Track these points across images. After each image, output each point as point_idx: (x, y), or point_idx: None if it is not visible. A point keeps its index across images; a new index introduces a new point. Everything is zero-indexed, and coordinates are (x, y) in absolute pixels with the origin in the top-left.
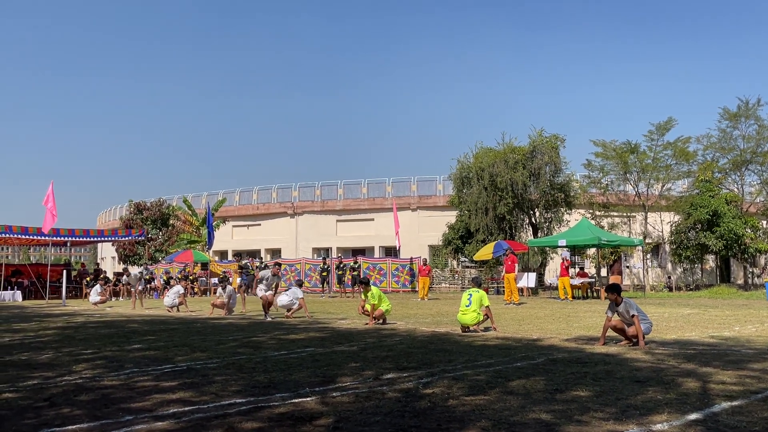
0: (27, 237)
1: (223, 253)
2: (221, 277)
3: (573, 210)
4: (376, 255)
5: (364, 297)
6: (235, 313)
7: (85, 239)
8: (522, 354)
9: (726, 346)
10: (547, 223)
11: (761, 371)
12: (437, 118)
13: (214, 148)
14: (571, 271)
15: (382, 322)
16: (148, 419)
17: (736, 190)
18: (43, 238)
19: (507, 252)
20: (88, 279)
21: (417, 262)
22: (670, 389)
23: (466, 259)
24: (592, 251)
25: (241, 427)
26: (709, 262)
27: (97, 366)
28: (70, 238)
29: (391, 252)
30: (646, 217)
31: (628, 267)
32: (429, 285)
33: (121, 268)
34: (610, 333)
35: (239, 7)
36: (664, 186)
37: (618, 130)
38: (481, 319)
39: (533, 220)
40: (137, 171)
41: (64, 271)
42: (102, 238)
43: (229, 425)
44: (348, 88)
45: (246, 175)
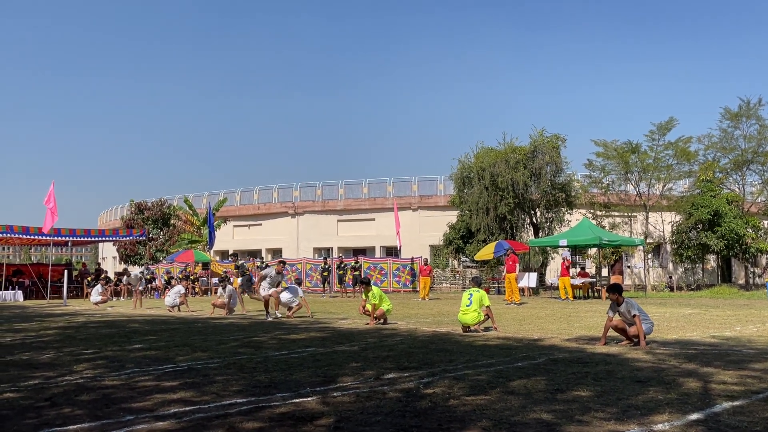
0: (28, 237)
1: (224, 253)
2: (221, 277)
3: (574, 210)
4: (377, 255)
5: (365, 297)
6: (235, 313)
7: (86, 239)
8: (523, 354)
9: (727, 346)
10: (548, 223)
11: (762, 371)
12: (438, 118)
13: (215, 148)
14: (572, 271)
15: (383, 322)
16: (149, 419)
17: (737, 190)
18: (44, 238)
19: (508, 252)
20: (89, 279)
21: (418, 262)
22: (671, 389)
23: (467, 259)
24: (593, 251)
25: (242, 427)
26: (710, 262)
27: (98, 366)
28: (71, 238)
29: (392, 252)
30: (647, 217)
31: (629, 267)
32: (430, 285)
33: (122, 269)
34: (611, 333)
35: (240, 7)
36: (665, 186)
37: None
38: (482, 318)
39: (534, 219)
40: (138, 171)
41: (66, 270)
42: (103, 238)
43: (230, 425)
44: (348, 88)
45: (247, 175)
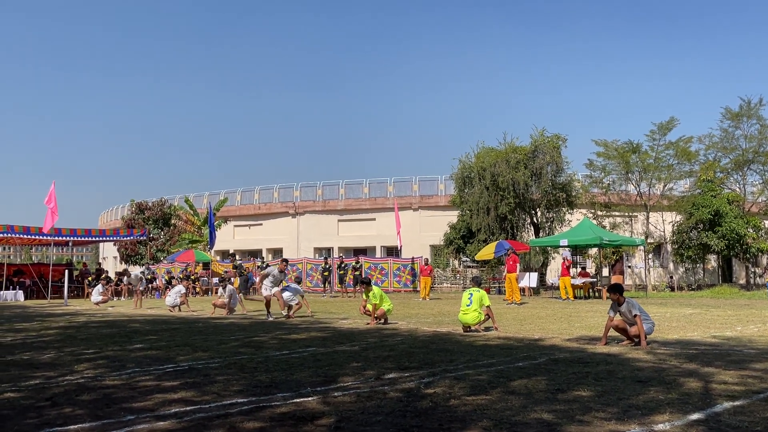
0: (29, 237)
1: (224, 253)
2: (221, 277)
3: (575, 210)
4: (378, 255)
5: (365, 297)
6: (236, 313)
7: (86, 239)
8: (524, 354)
9: (728, 346)
10: (548, 223)
11: (763, 371)
12: (438, 117)
13: (215, 147)
14: (573, 270)
15: (383, 321)
16: (149, 419)
17: (738, 189)
18: (44, 237)
19: (509, 252)
20: (90, 279)
21: (418, 261)
22: (672, 389)
23: (468, 259)
24: (593, 251)
25: (243, 426)
26: (711, 261)
27: (99, 366)
28: (72, 238)
29: (392, 252)
30: (647, 217)
31: (629, 267)
32: (430, 285)
33: (122, 269)
34: (611, 333)
35: (240, 7)
36: (665, 186)
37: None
38: (483, 318)
39: (535, 219)
40: (139, 171)
41: (66, 270)
42: (104, 238)
43: (230, 425)
44: (349, 88)
45: (247, 174)
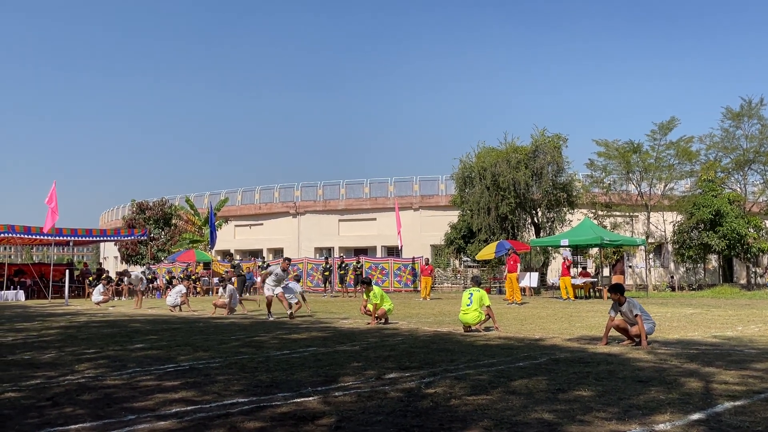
0: (30, 237)
1: (225, 253)
2: (222, 277)
3: (575, 210)
4: (379, 255)
5: (366, 297)
6: (236, 312)
7: (87, 239)
8: (524, 354)
9: (729, 346)
10: (549, 223)
11: (764, 371)
12: (439, 117)
13: (216, 147)
14: (574, 270)
15: (384, 321)
16: (150, 419)
17: (738, 189)
18: (45, 237)
19: (509, 252)
20: (91, 278)
21: (419, 261)
22: (672, 389)
23: (469, 259)
24: (594, 251)
25: (244, 426)
26: (712, 261)
27: (100, 365)
28: (73, 238)
29: (393, 252)
30: (648, 217)
31: (630, 267)
32: (431, 285)
33: (122, 270)
34: (612, 332)
35: (240, 7)
36: (666, 186)
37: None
38: (483, 318)
39: (535, 219)
40: (140, 171)
41: (67, 270)
42: (104, 238)
43: (231, 425)
44: (350, 88)
45: (248, 174)
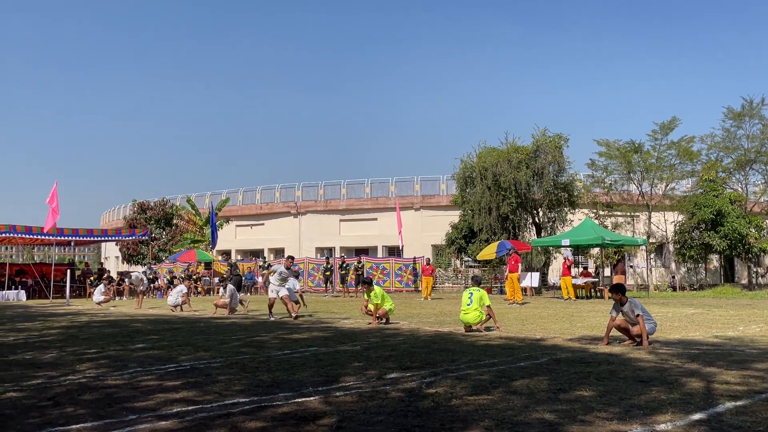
0: (31, 236)
1: (226, 253)
2: (222, 276)
3: (576, 210)
4: (379, 255)
5: (367, 297)
6: (237, 312)
7: (88, 239)
8: (525, 354)
9: (730, 346)
10: (550, 223)
11: (765, 371)
12: (440, 117)
13: (217, 148)
14: (575, 270)
15: (385, 321)
16: (151, 418)
17: (740, 189)
18: (47, 237)
19: (510, 252)
20: (92, 278)
21: (420, 261)
22: (673, 389)
23: (470, 259)
24: (595, 251)
25: (245, 426)
26: (713, 261)
27: (101, 365)
28: (74, 238)
29: (394, 252)
30: (649, 217)
31: (631, 267)
32: (432, 285)
33: (124, 271)
34: (613, 332)
35: (240, 7)
36: (667, 185)
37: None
38: (484, 317)
39: (536, 219)
40: (141, 171)
41: (68, 270)
42: (106, 238)
43: (232, 425)
44: (350, 88)
45: (249, 174)
